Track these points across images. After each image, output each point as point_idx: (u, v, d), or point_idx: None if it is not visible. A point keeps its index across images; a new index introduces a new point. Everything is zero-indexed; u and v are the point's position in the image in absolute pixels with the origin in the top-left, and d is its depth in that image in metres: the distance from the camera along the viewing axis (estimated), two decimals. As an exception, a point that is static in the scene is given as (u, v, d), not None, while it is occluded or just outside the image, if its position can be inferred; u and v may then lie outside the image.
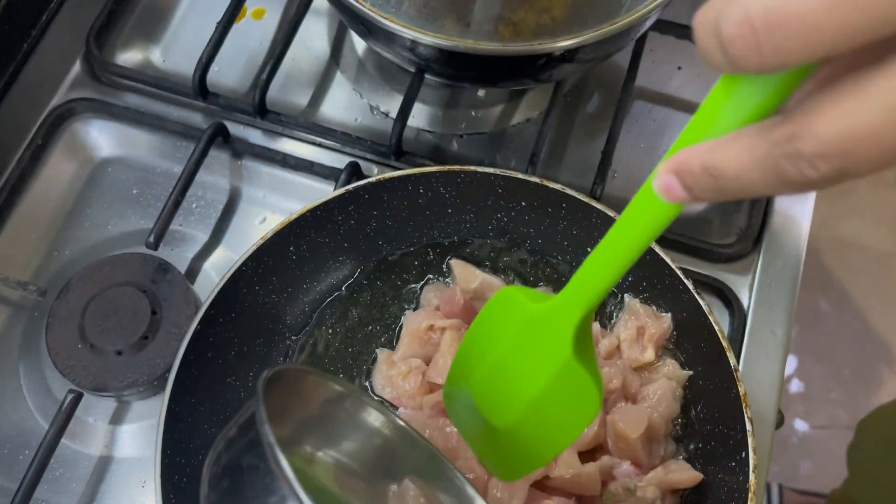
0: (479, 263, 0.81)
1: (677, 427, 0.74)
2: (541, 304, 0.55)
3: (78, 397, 0.79)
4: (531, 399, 0.57)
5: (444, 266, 0.81)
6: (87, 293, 0.83)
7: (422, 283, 0.81)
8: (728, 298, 0.84)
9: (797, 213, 0.89)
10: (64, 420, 0.77)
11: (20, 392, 0.84)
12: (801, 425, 2.07)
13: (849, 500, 1.47)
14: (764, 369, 0.81)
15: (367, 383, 0.77)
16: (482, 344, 0.62)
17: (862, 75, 0.29)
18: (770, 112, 0.35)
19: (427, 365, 0.75)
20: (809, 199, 0.91)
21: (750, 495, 0.64)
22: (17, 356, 0.86)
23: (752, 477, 0.65)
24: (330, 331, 0.79)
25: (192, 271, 0.89)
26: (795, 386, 2.11)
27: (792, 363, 2.10)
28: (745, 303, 0.84)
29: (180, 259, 0.89)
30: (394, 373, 0.74)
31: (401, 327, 0.78)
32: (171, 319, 0.82)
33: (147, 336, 0.82)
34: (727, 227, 0.90)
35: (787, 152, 0.31)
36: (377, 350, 0.78)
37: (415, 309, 0.79)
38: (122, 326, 0.82)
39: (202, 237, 0.91)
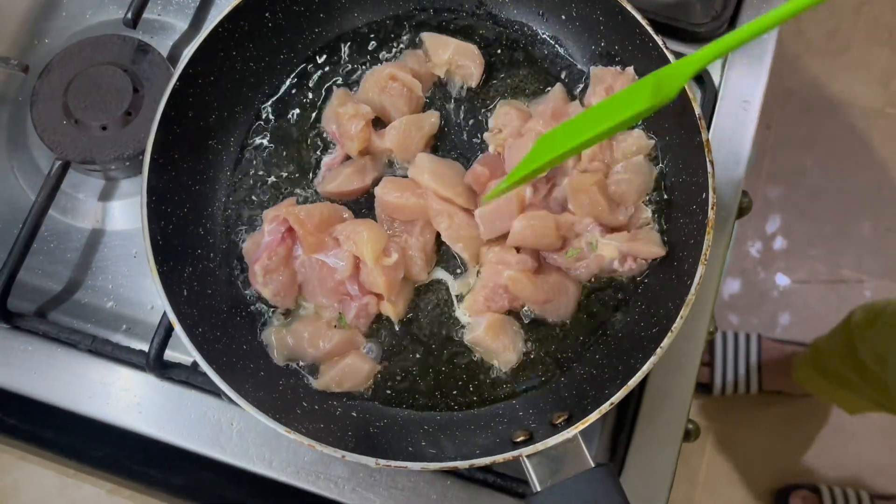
0: (455, 36, 0.81)
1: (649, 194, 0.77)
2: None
3: (65, 165, 0.81)
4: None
5: (418, 40, 0.82)
6: (69, 72, 0.84)
7: (395, 54, 0.82)
8: (700, 75, 0.85)
9: (773, -5, 0.90)
10: (53, 185, 0.80)
11: (11, 174, 0.87)
12: (781, 279, 2.12)
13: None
14: (733, 141, 0.84)
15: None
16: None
17: None
18: None
19: (374, 114, 0.77)
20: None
21: (708, 229, 0.67)
22: (6, 141, 0.88)
23: (710, 214, 0.68)
24: (307, 99, 0.81)
25: (173, 58, 0.90)
26: (778, 242, 2.15)
27: (775, 221, 2.13)
28: (716, 80, 0.86)
29: (161, 46, 0.89)
30: (342, 111, 0.76)
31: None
32: (154, 97, 0.84)
33: (130, 112, 0.83)
34: (706, 10, 0.90)
35: None
36: (335, 87, 0.80)
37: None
38: (105, 102, 0.83)
39: (182, 26, 0.91)
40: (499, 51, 0.81)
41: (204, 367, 0.65)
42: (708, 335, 0.84)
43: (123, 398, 0.77)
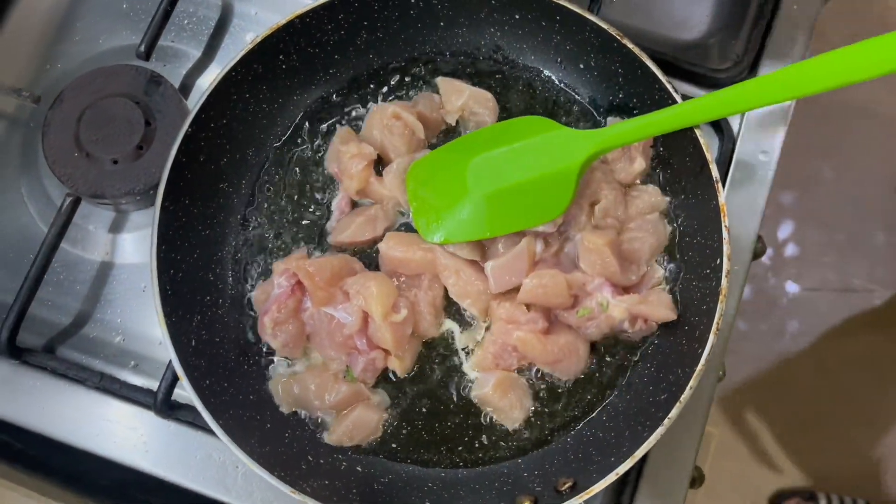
0: (471, 81, 0.80)
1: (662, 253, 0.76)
2: (576, 130, 0.72)
3: (76, 201, 0.81)
4: (527, 179, 0.71)
5: (433, 83, 0.81)
6: (80, 103, 0.83)
7: (409, 97, 0.81)
8: (719, 123, 0.84)
9: (796, 43, 0.88)
10: (63, 221, 0.80)
11: (22, 202, 0.87)
12: (791, 287, 2.11)
13: None
14: (749, 191, 0.83)
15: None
16: (504, 134, 0.74)
17: None
18: None
19: (378, 157, 0.77)
20: (807, 30, 0.89)
21: (721, 297, 0.67)
22: (17, 168, 0.87)
23: (724, 282, 0.67)
24: (319, 140, 0.80)
25: (186, 87, 0.89)
26: (790, 249, 2.13)
27: (788, 227, 2.12)
28: (735, 128, 0.85)
29: (173, 75, 0.89)
30: (344, 149, 0.76)
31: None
32: (166, 131, 0.83)
33: (142, 146, 0.83)
34: (725, 54, 0.89)
35: None
36: (338, 126, 0.79)
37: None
38: (116, 136, 0.82)
39: (195, 53, 0.90)
40: (514, 97, 0.80)
41: (211, 423, 0.65)
42: (717, 379, 0.83)
43: (130, 437, 0.78)
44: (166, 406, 0.76)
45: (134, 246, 0.85)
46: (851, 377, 1.92)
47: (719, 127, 0.84)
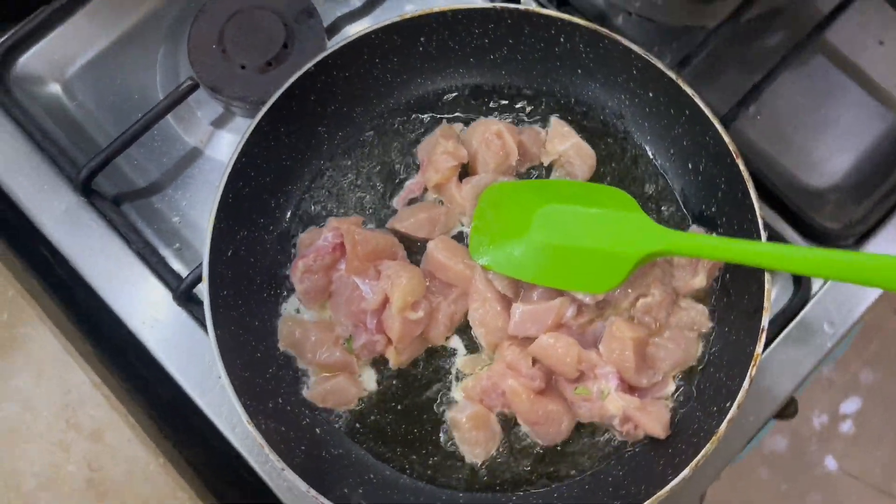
0: (581, 132, 0.81)
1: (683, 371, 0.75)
2: (653, 223, 0.72)
3: (194, 86, 0.86)
4: (588, 248, 0.72)
5: (547, 118, 0.82)
6: (236, 4, 0.89)
7: (518, 121, 0.82)
8: (799, 276, 0.82)
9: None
10: (177, 98, 0.85)
11: (153, 66, 0.93)
12: (831, 463, 2.01)
13: None
14: (799, 353, 0.80)
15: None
16: (586, 195, 0.75)
17: None
18: None
19: (467, 162, 0.79)
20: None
21: (714, 439, 0.66)
22: (163, 36, 0.94)
23: (723, 426, 0.66)
24: (422, 125, 0.82)
25: (334, 28, 0.93)
26: (846, 426, 2.03)
27: (854, 404, 2.02)
28: (815, 288, 0.82)
29: (328, 13, 0.93)
30: (442, 142, 0.78)
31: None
32: (298, 58, 0.87)
33: (271, 63, 0.87)
34: (839, 215, 0.86)
35: None
36: (445, 120, 0.82)
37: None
38: (255, 45, 0.87)
39: (356, 2, 0.94)
40: (613, 165, 0.81)
41: (209, 327, 0.69)
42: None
43: (145, 309, 0.83)
44: (185, 296, 0.80)
45: (227, 145, 0.90)
46: (843, 576, 1.82)
47: (799, 279, 0.82)
